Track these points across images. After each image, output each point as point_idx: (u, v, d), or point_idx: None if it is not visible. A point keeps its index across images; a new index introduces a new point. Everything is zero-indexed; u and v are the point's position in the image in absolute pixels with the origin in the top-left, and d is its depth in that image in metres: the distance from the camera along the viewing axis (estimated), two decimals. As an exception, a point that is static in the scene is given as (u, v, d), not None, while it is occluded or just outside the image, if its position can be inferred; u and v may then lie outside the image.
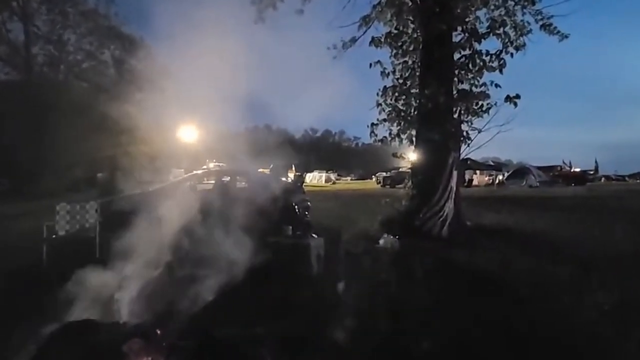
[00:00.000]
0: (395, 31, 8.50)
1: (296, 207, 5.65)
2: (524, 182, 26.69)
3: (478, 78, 7.89)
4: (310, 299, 3.93)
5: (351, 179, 53.26)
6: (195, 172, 9.19)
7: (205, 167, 12.11)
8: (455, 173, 7.86)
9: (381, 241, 6.49)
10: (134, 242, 3.68)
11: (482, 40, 7.78)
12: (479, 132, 7.93)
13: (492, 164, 33.47)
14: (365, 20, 8.93)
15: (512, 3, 7.99)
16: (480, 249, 6.23)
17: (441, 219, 7.53)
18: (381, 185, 30.94)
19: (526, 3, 7.93)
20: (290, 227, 5.06)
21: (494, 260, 5.55)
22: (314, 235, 5.20)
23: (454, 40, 8.02)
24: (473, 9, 8.19)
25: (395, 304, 3.88)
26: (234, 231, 4.31)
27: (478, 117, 7.88)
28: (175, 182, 8.53)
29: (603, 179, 37.25)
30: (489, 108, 7.73)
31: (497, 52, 7.67)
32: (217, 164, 14.32)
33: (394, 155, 8.88)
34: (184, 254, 4.03)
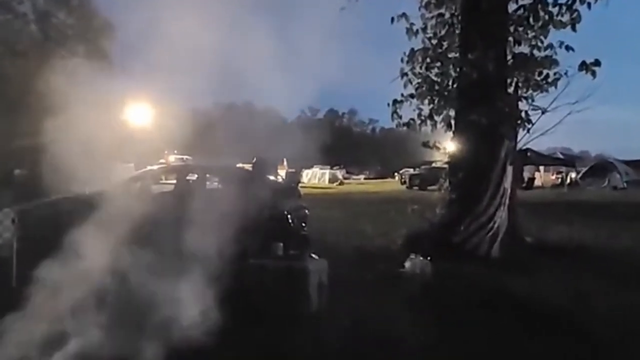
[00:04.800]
0: (427, -29, 8.52)
1: (289, 216, 5.66)
2: (606, 183, 26.76)
3: (542, 37, 7.87)
4: (308, 343, 3.93)
5: (365, 178, 53.36)
6: (149, 168, 9.20)
7: (163, 161, 12.13)
8: (509, 170, 7.85)
9: (407, 264, 6.49)
10: (61, 268, 3.69)
11: (548, -16, 7.76)
12: (543, 113, 7.93)
13: (561, 157, 33.47)
14: (385, -42, 8.93)
15: None
16: (544, 275, 6.23)
17: (490, 234, 7.54)
18: (407, 187, 31.08)
19: None
20: (282, 245, 5.07)
21: (564, 291, 5.54)
22: (313, 255, 5.20)
23: (508, -16, 8.01)
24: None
25: (427, 352, 3.87)
26: (201, 250, 4.31)
27: (542, 91, 7.87)
28: (122, 181, 8.54)
29: None
30: (557, 79, 7.72)
31: (569, 1, 7.64)
32: (179, 157, 14.32)
33: (425, 144, 8.88)
34: (128, 289, 4.04)
